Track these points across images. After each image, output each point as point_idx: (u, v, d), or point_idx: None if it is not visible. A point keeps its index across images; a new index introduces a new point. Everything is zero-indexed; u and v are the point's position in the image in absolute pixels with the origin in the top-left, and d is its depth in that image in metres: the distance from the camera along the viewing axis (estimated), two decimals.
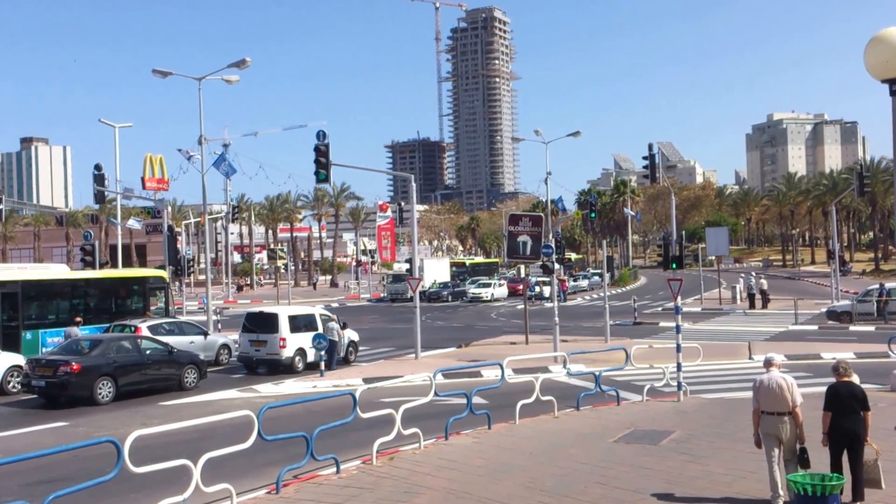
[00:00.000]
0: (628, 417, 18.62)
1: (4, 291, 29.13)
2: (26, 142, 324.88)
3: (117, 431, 16.25)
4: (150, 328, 28.83)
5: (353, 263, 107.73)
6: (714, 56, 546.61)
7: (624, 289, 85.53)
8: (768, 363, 11.50)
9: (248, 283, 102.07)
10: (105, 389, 22.83)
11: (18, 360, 25.40)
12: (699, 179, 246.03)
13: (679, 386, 21.08)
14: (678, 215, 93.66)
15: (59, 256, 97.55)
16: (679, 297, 21.95)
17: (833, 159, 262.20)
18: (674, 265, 42.19)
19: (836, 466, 10.83)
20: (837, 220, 79.56)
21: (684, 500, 11.66)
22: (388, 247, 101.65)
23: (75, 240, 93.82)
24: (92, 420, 20.34)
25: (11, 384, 24.69)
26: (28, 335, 29.45)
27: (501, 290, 75.11)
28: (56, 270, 33.89)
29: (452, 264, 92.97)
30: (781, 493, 10.93)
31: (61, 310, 31.41)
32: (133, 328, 28.68)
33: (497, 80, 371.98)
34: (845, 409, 10.79)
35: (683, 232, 69.60)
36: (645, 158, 41.34)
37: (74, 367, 22.31)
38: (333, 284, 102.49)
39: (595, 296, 73.88)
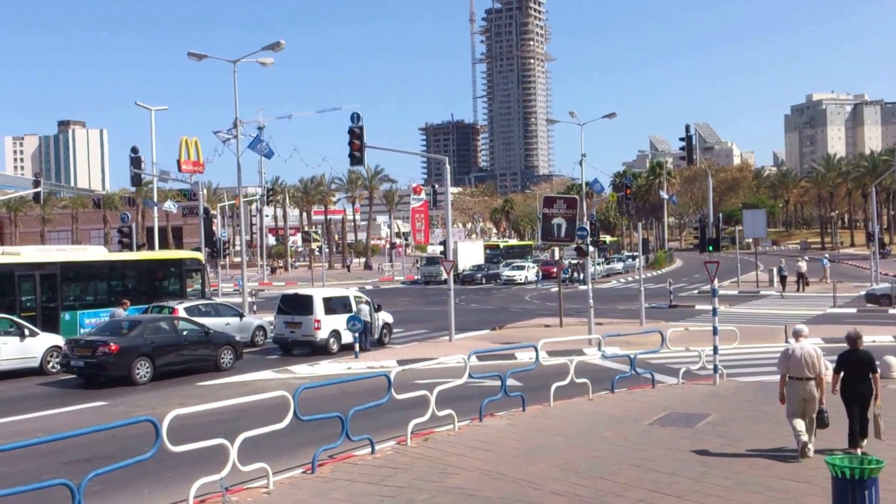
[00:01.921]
0: (663, 400, 18.53)
1: (43, 273, 29.48)
2: (63, 125, 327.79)
3: (155, 411, 16.42)
4: (187, 310, 29.09)
5: (387, 246, 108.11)
6: (753, 37, 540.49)
7: (659, 271, 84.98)
8: (797, 334, 13.29)
9: (282, 265, 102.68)
10: (143, 370, 23.10)
11: (57, 340, 25.74)
12: (736, 161, 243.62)
13: (715, 369, 20.93)
14: (715, 197, 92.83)
15: (96, 238, 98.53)
16: (716, 280, 21.77)
17: (873, 140, 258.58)
18: (710, 248, 41.71)
19: (851, 418, 12.50)
20: (877, 201, 78.24)
21: (719, 483, 11.56)
22: (421, 229, 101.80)
23: (112, 222, 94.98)
24: (130, 400, 20.59)
25: (51, 364, 25.05)
26: (67, 316, 29.80)
27: (535, 273, 75.00)
28: (94, 252, 34.23)
29: (486, 247, 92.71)
30: (805, 439, 12.53)
31: (99, 291, 31.78)
32: (170, 309, 28.98)
33: (531, 61, 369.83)
34: (854, 374, 12.46)
35: (720, 214, 68.88)
36: (682, 140, 40.81)
37: (113, 348, 22.58)
38: (367, 267, 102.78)
39: (630, 278, 73.56)
